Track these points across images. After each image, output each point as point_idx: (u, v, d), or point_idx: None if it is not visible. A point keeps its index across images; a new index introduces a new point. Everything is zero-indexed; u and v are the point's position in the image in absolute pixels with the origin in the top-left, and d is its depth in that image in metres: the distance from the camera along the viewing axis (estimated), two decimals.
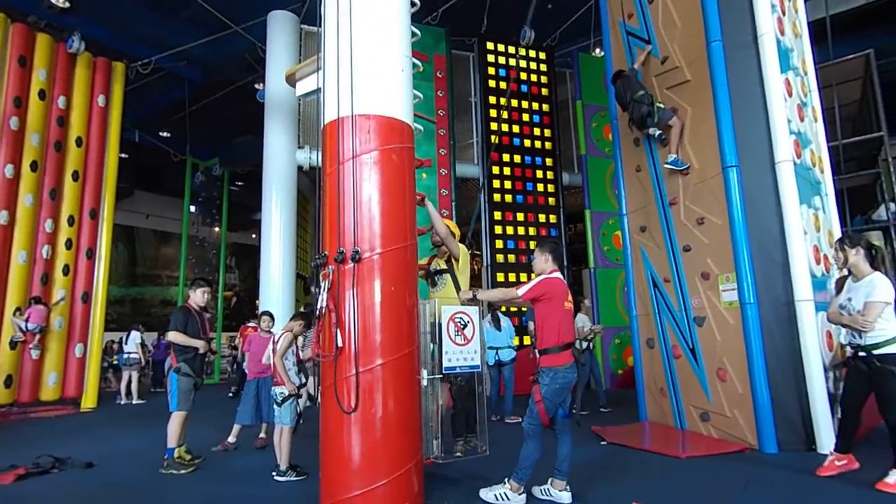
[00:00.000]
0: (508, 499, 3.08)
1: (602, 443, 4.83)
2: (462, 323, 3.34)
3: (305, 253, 10.69)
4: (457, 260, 4.13)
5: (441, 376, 3.29)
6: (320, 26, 3.47)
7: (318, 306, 3.03)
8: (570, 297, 3.27)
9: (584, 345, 6.63)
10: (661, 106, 5.47)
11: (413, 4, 3.59)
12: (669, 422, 5.40)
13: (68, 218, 8.94)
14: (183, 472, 4.08)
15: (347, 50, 3.18)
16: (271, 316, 5.47)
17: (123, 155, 10.43)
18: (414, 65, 3.59)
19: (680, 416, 5.26)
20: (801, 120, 5.07)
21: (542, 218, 10.03)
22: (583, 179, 10.42)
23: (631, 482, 3.57)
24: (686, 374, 5.17)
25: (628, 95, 5.65)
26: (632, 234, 6.23)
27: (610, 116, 6.84)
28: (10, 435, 6.24)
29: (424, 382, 3.24)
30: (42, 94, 8.69)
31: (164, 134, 14.43)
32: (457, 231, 4.39)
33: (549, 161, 10.37)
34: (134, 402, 9.34)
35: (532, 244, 9.09)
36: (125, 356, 9.55)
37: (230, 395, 9.18)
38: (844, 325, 3.54)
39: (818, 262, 4.64)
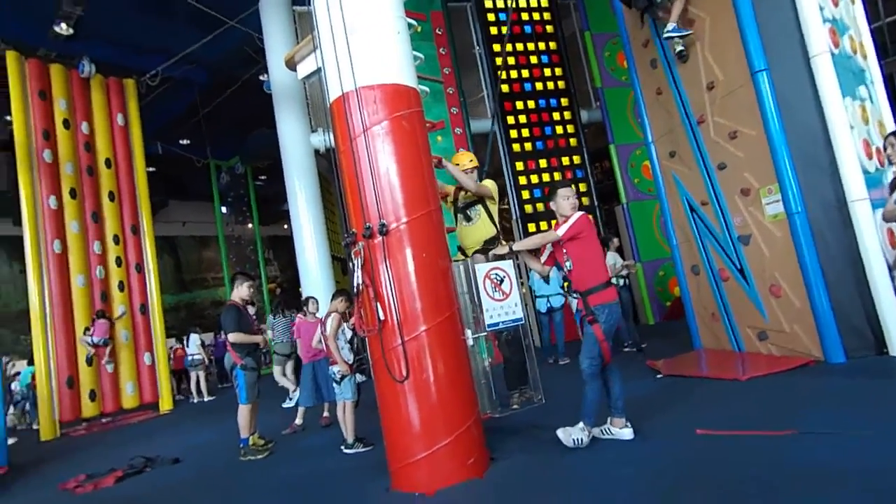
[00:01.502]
0: (584, 442, 3.09)
1: (658, 376, 4.80)
2: (498, 278, 3.33)
3: (336, 235, 10.84)
4: (491, 198, 4.10)
5: (485, 334, 3.31)
6: (310, 5, 3.38)
7: (355, 283, 3.07)
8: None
9: (621, 282, 6.56)
10: None
11: None
12: (725, 346, 5.29)
13: (113, 237, 9.35)
14: (259, 457, 4.32)
15: (340, 23, 3.10)
16: (316, 301, 5.61)
17: (151, 169, 10.71)
18: (410, 25, 3.47)
19: (736, 339, 5.15)
20: (836, 4, 4.65)
21: (565, 161, 9.76)
22: (602, 113, 10.02)
23: (692, 411, 3.55)
24: (737, 295, 5.02)
25: None
26: (661, 162, 5.99)
27: (622, 42, 6.48)
28: (102, 443, 6.77)
29: (470, 342, 3.27)
30: (66, 124, 8.97)
31: (184, 141, 14.71)
32: (475, 162, 4.31)
33: (564, 101, 9.99)
34: (205, 399, 9.92)
35: None
36: (189, 358, 10.09)
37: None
38: None
39: (870, 157, 4.34)
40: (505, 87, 9.53)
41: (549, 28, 10.17)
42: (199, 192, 16.25)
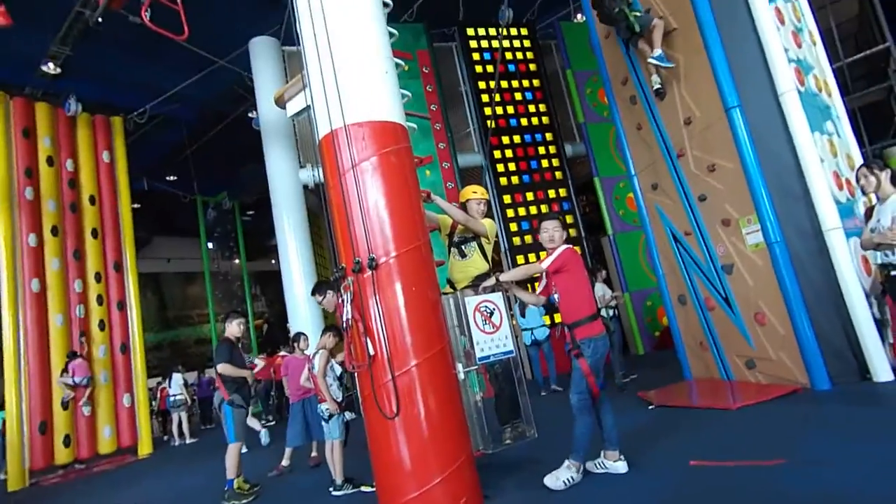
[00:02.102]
0: (574, 480, 3.04)
1: (650, 407, 4.78)
2: (488, 311, 3.34)
3: (325, 270, 10.79)
4: (485, 237, 4.06)
5: (476, 367, 3.29)
6: (300, 45, 3.48)
7: (344, 318, 3.06)
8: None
9: (611, 312, 6.61)
10: (638, 14, 5.34)
11: (386, 5, 3.59)
12: (715, 375, 5.31)
13: (95, 275, 9.17)
14: (244, 501, 4.17)
15: (329, 63, 3.19)
16: (306, 337, 5.54)
17: (136, 205, 10.65)
18: (397, 64, 3.58)
19: (725, 368, 5.18)
20: (799, 46, 4.91)
21: (551, 193, 9.93)
22: (586, 147, 10.29)
23: (685, 441, 3.53)
24: (724, 324, 5.08)
25: (608, 17, 5.58)
26: (645, 194, 6.14)
27: (602, 79, 6.73)
28: (78, 492, 6.47)
29: (461, 376, 3.25)
30: (50, 161, 8.91)
31: (171, 178, 14.70)
32: (481, 194, 4.16)
33: (549, 135, 10.26)
34: (187, 441, 9.57)
35: None
36: (171, 398, 9.79)
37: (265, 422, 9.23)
38: (877, 247, 3.45)
39: (840, 188, 4.50)
40: (491, 123, 9.77)
41: (532, 66, 10.53)
42: (184, 227, 16.14)
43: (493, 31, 10.36)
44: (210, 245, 15.46)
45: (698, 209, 5.21)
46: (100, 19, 6.88)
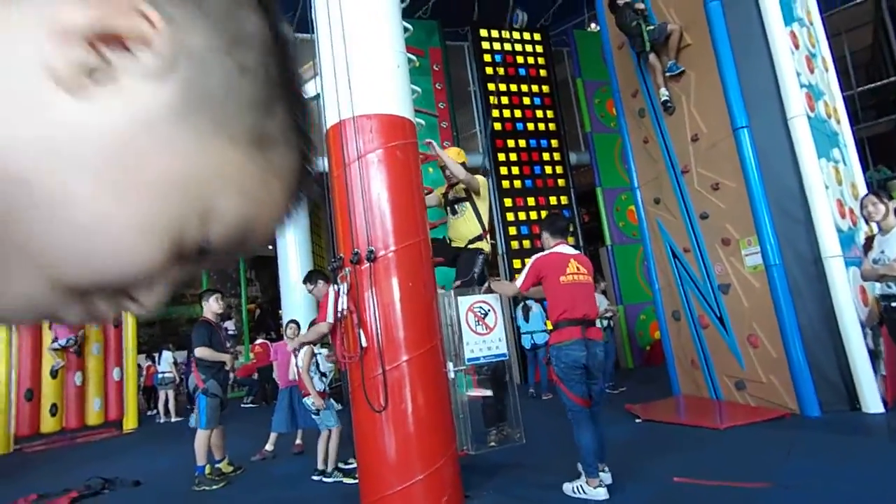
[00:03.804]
0: (585, 492, 2.94)
1: (637, 420, 4.78)
2: (482, 311, 3.33)
3: (322, 259, 10.78)
4: (477, 193, 4.15)
5: (465, 368, 3.29)
6: (313, 33, 3.47)
7: (339, 309, 3.05)
8: (578, 269, 3.10)
9: (605, 323, 6.60)
10: (651, 28, 5.34)
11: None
12: (704, 394, 5.32)
13: None
14: (215, 487, 4.10)
15: (342, 52, 3.18)
16: (297, 324, 5.52)
17: None
18: (410, 60, 3.57)
19: (714, 387, 5.18)
20: (812, 72, 4.92)
21: (552, 200, 9.92)
22: (590, 157, 10.29)
23: (670, 458, 3.53)
24: (716, 343, 5.09)
25: (625, 29, 5.60)
26: (646, 207, 6.13)
27: (612, 90, 6.72)
28: (60, 461, 6.44)
29: (451, 375, 3.25)
30: None
31: None
32: (463, 157, 4.37)
33: (554, 142, 10.25)
34: (172, 419, 9.55)
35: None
36: (160, 376, 9.77)
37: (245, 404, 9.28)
38: (881, 279, 3.44)
39: (843, 217, 4.51)
40: (497, 125, 9.76)
41: (542, 72, 10.52)
42: None
43: (506, 34, 10.34)
44: None
45: (699, 227, 5.21)
46: None
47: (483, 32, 10.24)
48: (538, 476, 3.32)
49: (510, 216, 9.58)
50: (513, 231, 9.54)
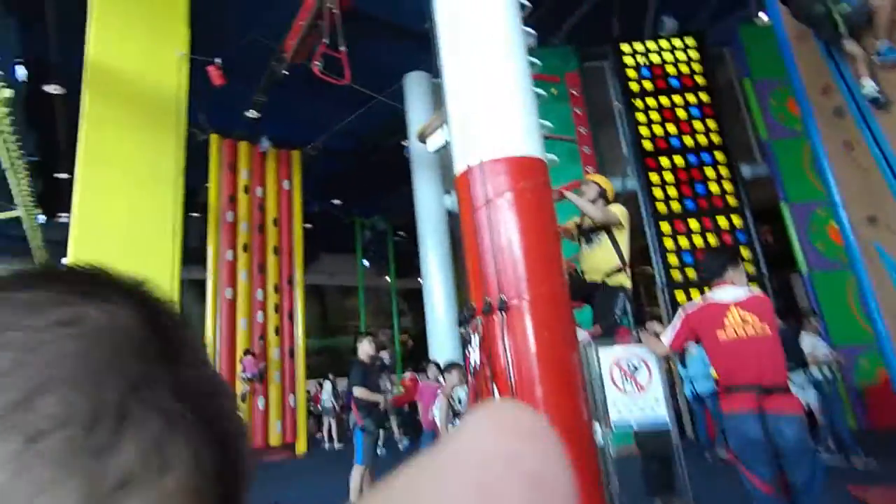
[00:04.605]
0: None
1: None
2: (632, 367, 2.92)
3: (465, 293, 10.97)
4: (619, 225, 3.79)
5: (612, 430, 2.90)
6: (441, 80, 3.52)
7: (472, 361, 2.93)
8: (743, 318, 2.49)
9: (826, 372, 5.37)
10: (844, 11, 4.28)
11: (523, 7, 3.45)
12: None
13: (274, 286, 10.55)
14: None
15: (468, 99, 3.15)
16: (438, 366, 5.57)
17: (308, 225, 12.03)
18: (539, 95, 3.41)
19: None
20: None
21: (722, 222, 8.65)
22: (770, 168, 8.83)
23: None
24: None
25: (807, 18, 4.65)
26: (856, 228, 4.92)
27: (793, 89, 5.66)
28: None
29: (599, 439, 2.88)
30: (246, 189, 10.59)
31: (336, 201, 16.38)
32: (608, 185, 4.02)
33: (719, 155, 9.03)
34: (336, 446, 10.36)
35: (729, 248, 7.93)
36: (322, 405, 10.77)
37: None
38: None
39: None
40: (648, 144, 8.98)
41: (699, 79, 9.45)
42: (346, 246, 17.87)
43: (652, 46, 9.57)
44: (365, 262, 16.85)
45: None
46: (285, 72, 8.01)
47: (625, 48, 9.61)
48: None
49: (668, 243, 8.59)
50: (673, 260, 8.54)
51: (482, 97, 3.12)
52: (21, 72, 7.92)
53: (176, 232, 5.48)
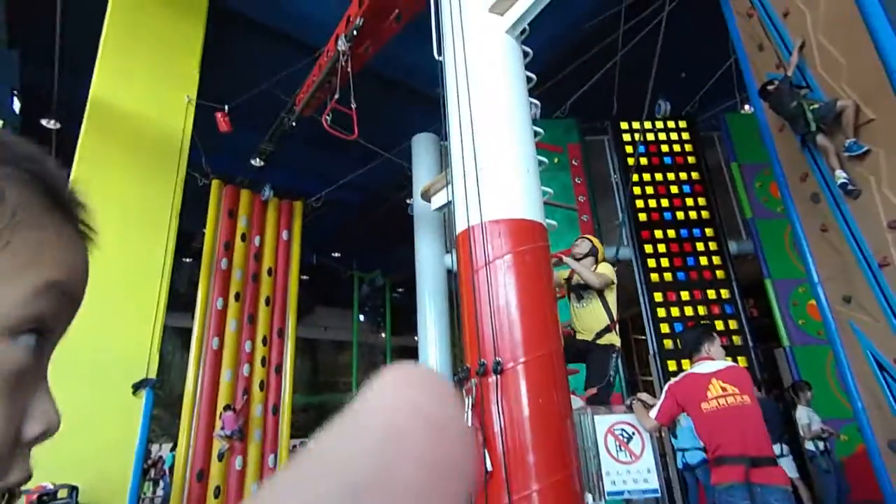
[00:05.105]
0: None
1: None
2: (626, 435, 2.88)
3: (460, 352, 10.84)
4: (610, 284, 3.86)
5: (605, 501, 2.81)
6: (448, 142, 3.68)
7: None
8: (723, 389, 2.53)
9: (821, 446, 5.25)
10: (815, 107, 4.61)
11: (529, 80, 3.67)
12: None
13: (263, 338, 10.35)
14: None
15: (472, 161, 3.29)
16: None
17: (305, 277, 12.02)
18: (541, 162, 3.57)
19: None
20: None
21: (710, 294, 8.81)
22: (755, 245, 9.09)
23: None
24: None
25: (783, 113, 4.98)
26: (833, 307, 5.05)
27: (775, 174, 5.96)
28: None
29: None
30: (244, 237, 10.62)
31: (335, 254, 16.47)
32: (600, 247, 4.21)
33: (709, 231, 9.32)
34: None
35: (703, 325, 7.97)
36: None
37: None
38: None
39: None
40: (643, 216, 9.25)
41: (690, 159, 9.91)
42: (342, 299, 17.78)
43: (648, 125, 10.09)
44: (361, 317, 16.69)
45: None
46: (294, 123, 8.29)
47: (623, 125, 10.14)
48: None
49: (661, 312, 8.68)
50: (665, 328, 8.58)
51: (487, 160, 3.26)
52: (16, 104, 8.05)
53: (164, 275, 5.41)
